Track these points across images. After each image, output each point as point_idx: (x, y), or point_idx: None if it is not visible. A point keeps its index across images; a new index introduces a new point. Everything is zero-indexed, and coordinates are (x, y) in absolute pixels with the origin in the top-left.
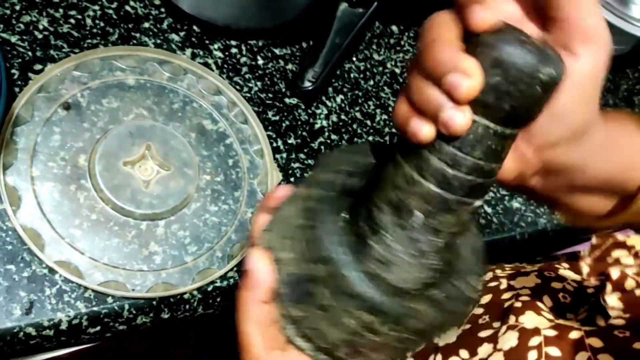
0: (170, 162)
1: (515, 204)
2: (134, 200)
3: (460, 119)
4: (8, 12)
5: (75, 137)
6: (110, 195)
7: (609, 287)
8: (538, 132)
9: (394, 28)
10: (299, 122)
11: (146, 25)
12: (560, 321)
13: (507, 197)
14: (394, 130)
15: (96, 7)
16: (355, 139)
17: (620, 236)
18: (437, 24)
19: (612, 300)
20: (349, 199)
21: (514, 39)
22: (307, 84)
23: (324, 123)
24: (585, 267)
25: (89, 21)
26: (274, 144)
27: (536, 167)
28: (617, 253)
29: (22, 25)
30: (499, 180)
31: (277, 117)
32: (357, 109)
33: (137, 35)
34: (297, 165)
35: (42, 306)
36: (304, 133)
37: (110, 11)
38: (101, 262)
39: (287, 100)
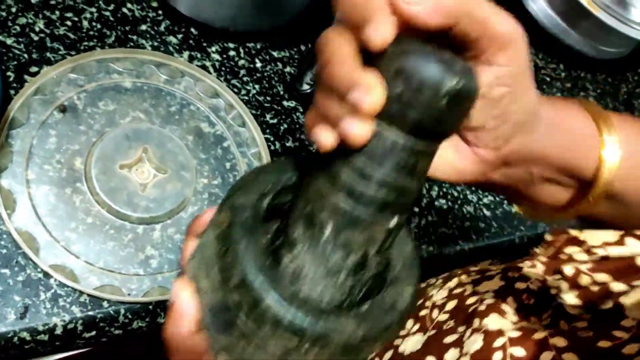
0: (167, 165)
1: (515, 208)
2: (130, 203)
3: (358, 130)
4: (4, 14)
5: (71, 140)
6: (106, 198)
7: (564, 285)
8: (489, 133)
9: None
10: (297, 125)
11: (143, 27)
12: (524, 323)
13: (505, 201)
14: None
15: (93, 10)
16: None
17: (573, 232)
18: (331, 40)
19: (570, 298)
20: (267, 219)
21: (416, 49)
22: (305, 86)
23: None
24: (540, 265)
25: (85, 23)
26: (272, 147)
27: (497, 164)
28: (570, 249)
29: (18, 27)
30: (466, 183)
31: (275, 120)
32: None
33: (134, 37)
34: None
35: (36, 310)
36: (302, 136)
37: (107, 13)
38: (97, 266)
39: (285, 103)
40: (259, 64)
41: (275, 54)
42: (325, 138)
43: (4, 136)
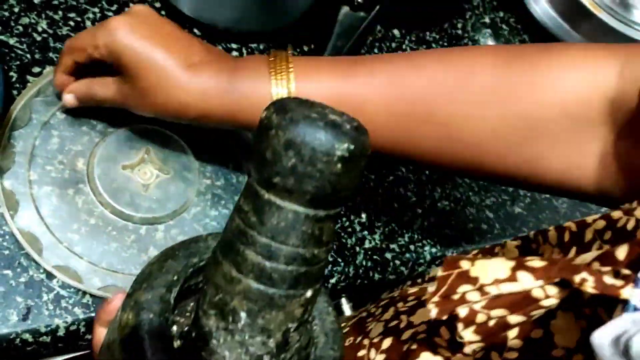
0: (170, 166)
1: (517, 209)
2: (133, 204)
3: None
4: (7, 14)
5: (73, 140)
6: (109, 199)
7: (460, 325)
8: None
9: (396, 32)
10: None
11: None
12: (458, 357)
13: (508, 202)
14: None
15: (96, 10)
16: None
17: (464, 264)
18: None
19: (468, 335)
20: (174, 315)
21: (305, 117)
22: None
23: None
24: (433, 308)
25: (88, 24)
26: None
27: None
28: (462, 288)
29: (20, 28)
30: None
31: None
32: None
33: None
34: None
35: (39, 312)
36: None
37: (110, 14)
38: (100, 267)
39: None
40: None
41: None
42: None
43: (6, 137)
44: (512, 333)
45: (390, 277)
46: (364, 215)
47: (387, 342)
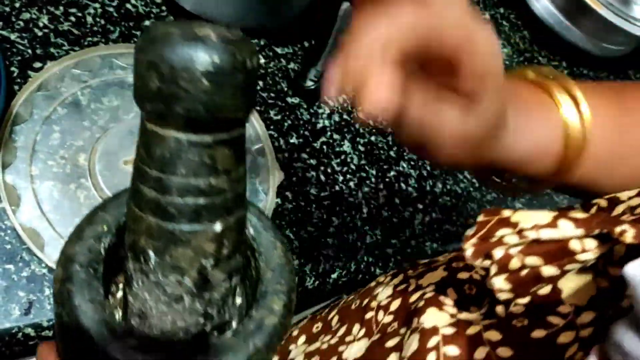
0: None
1: (518, 205)
2: None
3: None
4: (8, 9)
5: (75, 135)
6: (110, 194)
7: (493, 269)
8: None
9: None
10: (301, 122)
11: (147, 23)
12: (463, 315)
13: (509, 198)
14: None
15: (97, 5)
16: (358, 139)
17: (506, 212)
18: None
19: (499, 282)
20: (105, 263)
21: (164, 35)
22: (309, 83)
23: (326, 123)
24: (469, 248)
25: (89, 19)
26: (276, 144)
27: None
28: (501, 231)
29: (22, 23)
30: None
31: (279, 117)
32: (359, 108)
33: (138, 33)
34: (299, 164)
35: (41, 306)
36: (306, 132)
37: (111, 9)
38: None
39: (289, 99)
40: (262, 61)
41: (279, 50)
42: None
43: (7, 132)
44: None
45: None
46: (365, 210)
47: (395, 304)
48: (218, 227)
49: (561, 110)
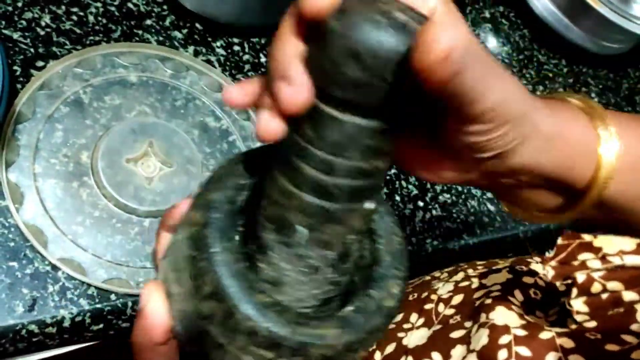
0: (173, 159)
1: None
2: (137, 197)
3: (265, 126)
4: (10, 8)
5: (77, 134)
6: (113, 192)
7: (574, 291)
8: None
9: None
10: None
11: (148, 22)
12: (530, 318)
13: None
14: None
15: (98, 4)
16: None
17: (587, 237)
18: (286, 15)
19: (578, 304)
20: (241, 219)
21: (365, 20)
22: None
23: None
24: (550, 270)
25: (91, 18)
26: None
27: (480, 169)
28: (583, 256)
29: (24, 22)
30: (440, 182)
31: None
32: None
33: (140, 32)
34: None
35: (44, 303)
36: None
37: (113, 8)
38: (104, 259)
39: None
40: (263, 59)
41: None
42: (270, 127)
43: (10, 130)
44: None
45: None
46: None
47: (457, 298)
48: (372, 205)
49: (600, 146)
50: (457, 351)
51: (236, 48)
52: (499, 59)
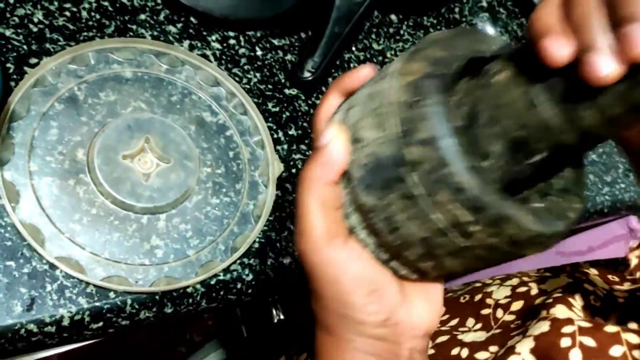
0: (170, 155)
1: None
2: (134, 193)
3: (606, 69)
4: (2, 5)
5: (73, 131)
6: (109, 189)
7: None
8: None
9: (393, 17)
10: (300, 113)
11: (142, 17)
12: (589, 319)
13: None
14: None
15: (91, 0)
16: None
17: None
18: None
19: None
20: (464, 81)
21: None
22: (306, 74)
23: None
24: (634, 259)
25: (84, 14)
26: (275, 135)
27: None
28: None
29: (16, 19)
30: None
31: (277, 108)
32: None
33: (134, 27)
34: (298, 156)
35: (43, 302)
36: (305, 124)
37: (106, 3)
38: (102, 257)
39: (287, 91)
40: (259, 52)
41: (275, 42)
42: (562, 52)
43: (5, 129)
44: None
45: None
46: None
47: (517, 305)
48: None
49: None
50: (514, 340)
51: (232, 42)
52: None
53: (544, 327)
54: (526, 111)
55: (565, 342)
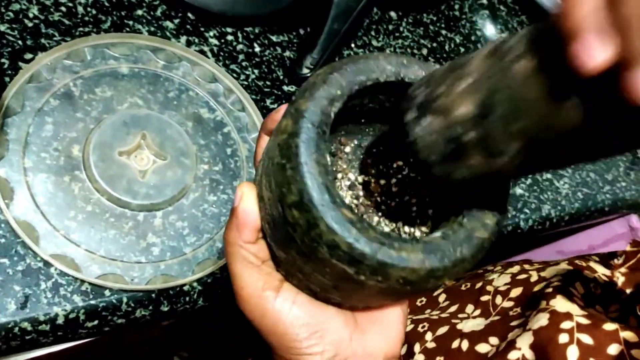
0: (167, 152)
1: (519, 190)
2: (130, 190)
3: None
4: None
5: (68, 127)
6: (105, 186)
7: None
8: None
9: (392, 14)
10: None
11: (139, 12)
12: (592, 310)
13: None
14: None
15: None
16: None
17: None
18: None
19: None
20: (332, 132)
21: None
22: (305, 70)
23: None
24: (620, 277)
25: (80, 9)
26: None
27: None
28: None
29: (11, 14)
30: None
31: (276, 105)
32: None
33: (130, 22)
34: None
35: (37, 300)
36: None
37: None
38: (98, 255)
39: (285, 87)
40: (257, 49)
41: (274, 38)
42: (597, 62)
43: None
44: None
45: None
46: None
47: (516, 291)
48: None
49: None
50: (514, 333)
51: (229, 38)
52: None
53: (543, 320)
54: (552, 113)
55: (563, 338)
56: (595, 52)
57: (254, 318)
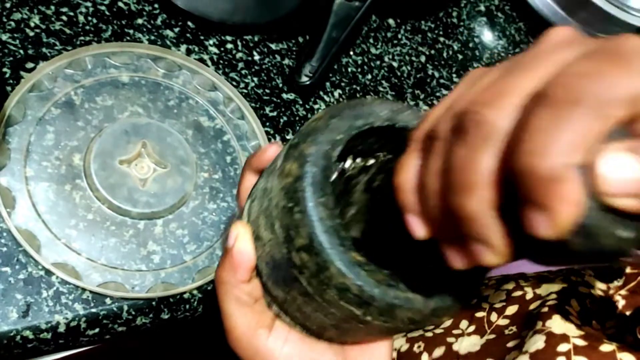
0: (167, 160)
1: None
2: (131, 199)
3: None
4: None
5: (69, 136)
6: (106, 194)
7: None
8: None
9: (391, 21)
10: (297, 118)
11: (140, 21)
12: (587, 329)
13: None
14: None
15: (88, 4)
16: None
17: None
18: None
19: None
20: (336, 177)
21: None
22: (304, 78)
23: None
24: (621, 300)
25: (81, 18)
26: (272, 140)
27: None
28: None
29: (13, 23)
30: None
31: (275, 113)
32: None
33: (131, 31)
34: None
35: (39, 309)
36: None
37: (103, 7)
38: (99, 263)
39: (284, 95)
40: (257, 57)
41: (273, 46)
42: (421, 232)
43: (1, 134)
44: None
45: None
46: None
47: (512, 309)
48: None
49: None
50: (510, 356)
51: (229, 46)
52: (495, 53)
53: (539, 342)
54: None
55: None
56: (417, 229)
57: (246, 357)
